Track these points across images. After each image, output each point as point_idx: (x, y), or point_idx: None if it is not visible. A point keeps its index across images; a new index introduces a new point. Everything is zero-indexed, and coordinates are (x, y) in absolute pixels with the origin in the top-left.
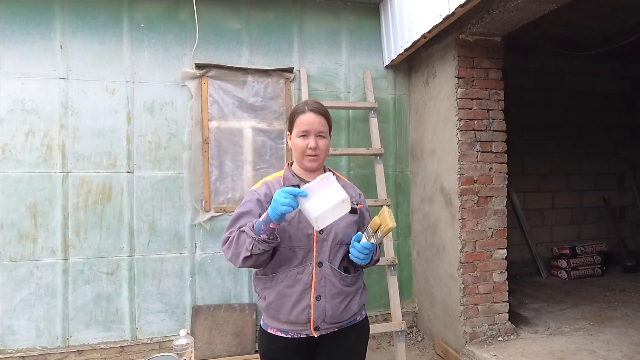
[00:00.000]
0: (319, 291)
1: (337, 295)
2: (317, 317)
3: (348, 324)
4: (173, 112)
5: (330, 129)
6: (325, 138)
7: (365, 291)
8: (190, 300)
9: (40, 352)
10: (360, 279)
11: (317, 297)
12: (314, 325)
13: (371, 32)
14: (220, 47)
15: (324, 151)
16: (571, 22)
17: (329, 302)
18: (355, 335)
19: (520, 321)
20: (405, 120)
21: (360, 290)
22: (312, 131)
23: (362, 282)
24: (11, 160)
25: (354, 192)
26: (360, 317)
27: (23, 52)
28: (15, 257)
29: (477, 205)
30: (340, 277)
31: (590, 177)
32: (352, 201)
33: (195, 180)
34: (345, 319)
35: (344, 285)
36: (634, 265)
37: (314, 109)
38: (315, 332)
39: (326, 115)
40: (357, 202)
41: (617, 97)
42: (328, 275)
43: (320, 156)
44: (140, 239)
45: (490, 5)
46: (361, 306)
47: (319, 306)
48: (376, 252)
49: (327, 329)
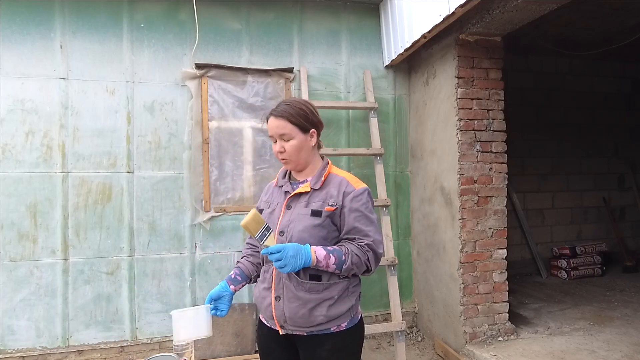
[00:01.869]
0: (278, 292)
1: (293, 300)
2: (278, 316)
3: (320, 331)
4: (173, 112)
5: (303, 127)
6: (293, 139)
7: (341, 304)
8: (190, 300)
9: (40, 352)
10: (333, 290)
11: (277, 298)
12: (279, 324)
13: (371, 32)
14: (220, 47)
15: (293, 152)
16: (571, 22)
17: (286, 305)
18: (330, 345)
19: (520, 321)
20: (405, 120)
21: (329, 301)
22: (275, 135)
23: (339, 294)
24: (11, 160)
25: (337, 191)
26: (335, 329)
27: (23, 52)
28: (15, 257)
29: (477, 205)
30: (296, 281)
31: (590, 177)
32: (329, 202)
33: (195, 180)
34: (309, 326)
35: (300, 290)
36: (634, 265)
37: (274, 112)
38: (281, 330)
39: (288, 116)
40: (334, 203)
41: (617, 97)
42: (284, 278)
43: (291, 158)
44: (140, 239)
45: (490, 5)
46: (331, 318)
47: (279, 306)
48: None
49: (292, 330)
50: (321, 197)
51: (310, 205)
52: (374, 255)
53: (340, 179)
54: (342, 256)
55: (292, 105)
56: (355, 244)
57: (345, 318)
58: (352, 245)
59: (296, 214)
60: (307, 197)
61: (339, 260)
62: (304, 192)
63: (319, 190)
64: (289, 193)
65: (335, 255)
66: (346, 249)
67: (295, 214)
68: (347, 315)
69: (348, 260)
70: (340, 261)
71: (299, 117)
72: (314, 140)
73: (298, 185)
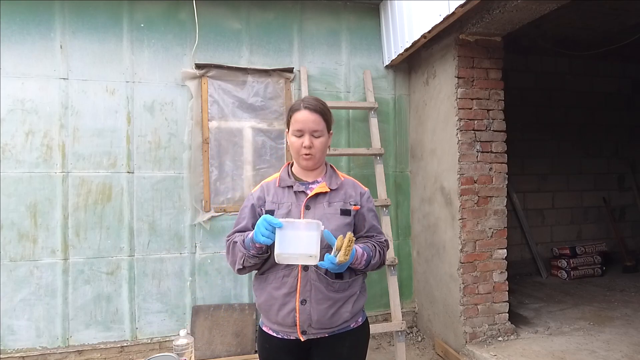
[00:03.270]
0: (304, 295)
1: (323, 301)
2: (302, 321)
3: (340, 330)
4: (173, 112)
5: (329, 127)
6: (322, 136)
7: (362, 298)
8: (190, 300)
9: (40, 352)
10: (355, 285)
11: (302, 302)
12: (301, 329)
13: (371, 32)
14: (220, 47)
15: (319, 150)
16: (571, 22)
17: (314, 307)
18: (350, 342)
19: (520, 321)
20: (405, 120)
21: (354, 297)
22: (306, 130)
23: (359, 288)
24: (11, 160)
25: (354, 192)
26: (355, 324)
27: (23, 52)
28: (15, 257)
29: (477, 205)
30: (326, 282)
31: (590, 177)
32: (349, 202)
33: (195, 180)
34: (334, 326)
35: (331, 291)
36: (634, 265)
37: (309, 106)
38: (302, 336)
39: (323, 112)
40: (355, 202)
41: (617, 97)
42: (313, 280)
43: (315, 155)
44: (140, 239)
45: (490, 5)
46: (354, 313)
47: (304, 310)
48: (374, 256)
49: (315, 333)
50: (340, 197)
51: (334, 205)
52: (387, 250)
53: (350, 180)
54: (371, 252)
55: (322, 103)
56: (375, 240)
57: (361, 313)
58: (371, 242)
59: (321, 214)
60: (326, 197)
61: (368, 256)
62: (323, 192)
63: (336, 190)
64: (304, 193)
65: (366, 252)
66: (373, 246)
67: (320, 214)
68: (362, 311)
69: (376, 257)
70: (369, 257)
71: (330, 115)
72: (330, 141)
73: (308, 186)
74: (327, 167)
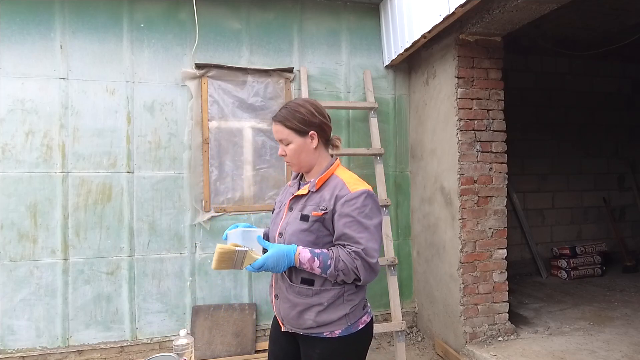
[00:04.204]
0: (277, 290)
1: (285, 300)
2: (277, 312)
3: (313, 334)
4: (173, 112)
5: (299, 130)
6: (291, 143)
7: (331, 311)
8: (190, 300)
9: (40, 352)
10: (323, 296)
11: (276, 296)
12: (280, 320)
13: (371, 32)
14: (220, 47)
15: (293, 156)
16: (571, 22)
17: (281, 304)
18: (320, 349)
19: (520, 321)
20: (405, 120)
21: (318, 307)
22: (277, 140)
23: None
24: (11, 160)
25: (330, 195)
26: (329, 334)
27: (23, 52)
28: (15, 257)
29: (477, 205)
30: (287, 284)
31: (590, 177)
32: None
33: (195, 180)
34: (301, 327)
35: (292, 293)
36: (633, 265)
37: (273, 117)
38: (283, 326)
39: (282, 120)
40: (324, 207)
41: (617, 97)
42: (280, 280)
43: (292, 161)
44: (140, 239)
45: (490, 5)
46: (321, 324)
47: (277, 305)
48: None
49: (289, 328)
50: (316, 200)
51: (304, 209)
52: (364, 263)
53: (337, 181)
54: (328, 260)
55: (289, 109)
56: (345, 250)
57: (338, 325)
58: (342, 250)
59: (292, 217)
60: (304, 200)
61: (324, 264)
62: (303, 194)
63: (316, 193)
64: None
65: (321, 258)
66: (332, 254)
67: (292, 217)
68: (342, 323)
69: (332, 265)
70: (325, 265)
71: (295, 121)
72: (315, 142)
73: (303, 186)
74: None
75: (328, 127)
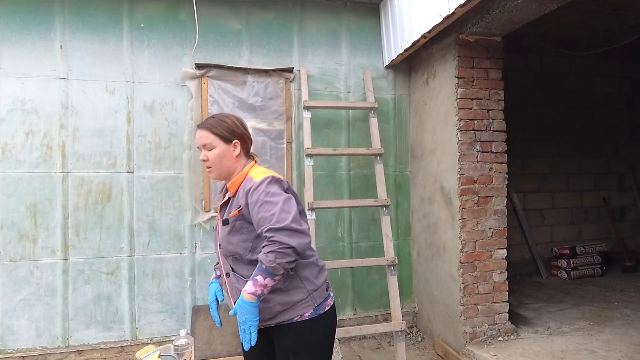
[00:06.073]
0: (234, 297)
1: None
2: None
3: (285, 322)
4: (173, 112)
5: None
6: (215, 148)
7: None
8: (190, 300)
9: (40, 352)
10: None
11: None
12: None
13: (371, 32)
14: (220, 47)
15: (215, 161)
16: (571, 22)
17: None
18: (293, 334)
19: (520, 321)
20: (405, 120)
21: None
22: (200, 146)
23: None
24: (11, 160)
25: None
26: (299, 318)
27: (23, 52)
28: (15, 257)
29: (477, 205)
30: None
31: (590, 177)
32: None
33: (195, 180)
34: (266, 319)
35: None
36: (634, 265)
37: (199, 125)
38: None
39: (209, 127)
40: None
41: (617, 97)
42: (235, 283)
43: (213, 167)
44: (140, 239)
45: (490, 5)
46: (289, 306)
47: None
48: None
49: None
50: (235, 203)
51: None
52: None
53: (247, 179)
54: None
55: (216, 118)
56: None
57: (306, 307)
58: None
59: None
60: (227, 207)
61: (265, 272)
62: (225, 202)
63: (234, 197)
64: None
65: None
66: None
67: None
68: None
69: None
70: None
71: (221, 129)
72: (238, 150)
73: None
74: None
75: (250, 140)
